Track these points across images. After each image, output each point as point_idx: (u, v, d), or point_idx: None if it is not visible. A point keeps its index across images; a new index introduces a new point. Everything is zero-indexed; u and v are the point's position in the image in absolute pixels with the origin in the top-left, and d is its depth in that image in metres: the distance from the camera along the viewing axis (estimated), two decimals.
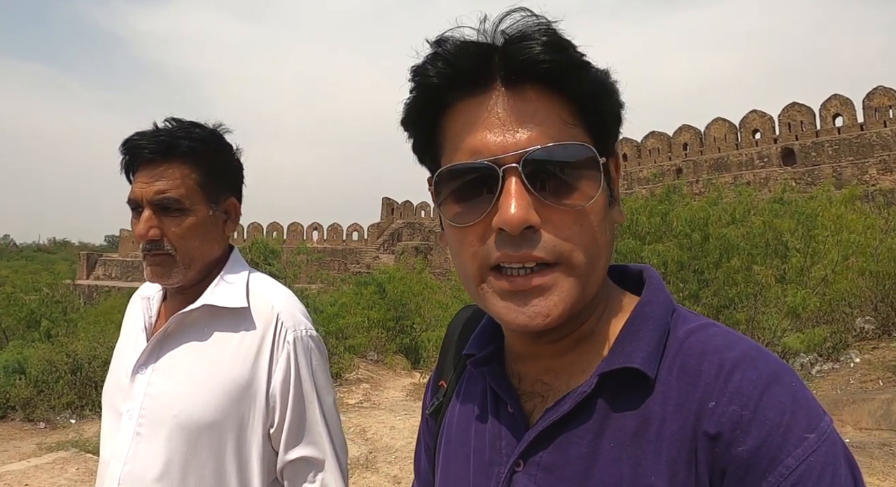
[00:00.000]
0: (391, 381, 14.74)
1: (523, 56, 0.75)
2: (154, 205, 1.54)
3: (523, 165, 0.74)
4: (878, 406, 7.53)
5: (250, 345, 1.56)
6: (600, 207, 0.79)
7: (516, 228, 0.74)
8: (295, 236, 60.81)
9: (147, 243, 1.55)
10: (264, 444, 1.55)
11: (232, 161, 1.71)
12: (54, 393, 11.94)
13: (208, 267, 1.64)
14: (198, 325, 1.60)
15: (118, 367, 1.66)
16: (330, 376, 1.67)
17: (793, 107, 47.91)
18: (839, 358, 10.76)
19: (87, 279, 61.35)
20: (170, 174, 1.55)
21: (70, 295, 28.99)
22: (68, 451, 7.94)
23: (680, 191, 13.12)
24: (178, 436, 1.49)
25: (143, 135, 1.57)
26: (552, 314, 0.77)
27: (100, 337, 13.79)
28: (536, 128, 0.75)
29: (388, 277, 20.67)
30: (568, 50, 0.76)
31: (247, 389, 1.53)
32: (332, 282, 26.65)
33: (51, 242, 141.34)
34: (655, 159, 53.67)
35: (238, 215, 1.72)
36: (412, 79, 0.81)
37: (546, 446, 0.82)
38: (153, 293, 1.73)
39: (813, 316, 11.15)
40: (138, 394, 1.56)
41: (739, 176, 44.41)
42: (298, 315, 1.63)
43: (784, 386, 0.72)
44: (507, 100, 0.77)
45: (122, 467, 1.52)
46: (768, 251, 11.30)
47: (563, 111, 0.77)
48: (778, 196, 15.44)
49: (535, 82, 0.77)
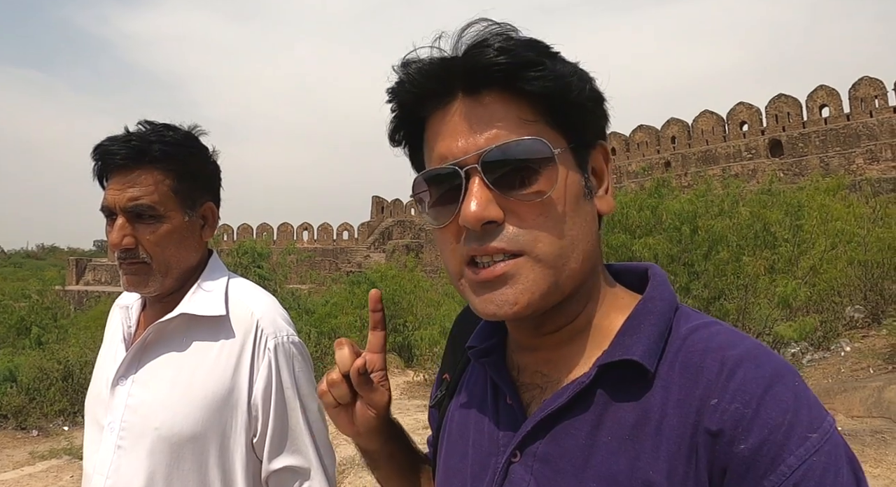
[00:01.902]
0: None
1: (477, 63, 0.79)
2: (127, 212, 1.50)
3: (482, 165, 0.78)
4: (869, 393, 7.58)
5: (230, 354, 1.52)
6: (565, 198, 0.81)
7: (475, 224, 0.78)
8: (285, 237, 60.65)
9: (121, 252, 1.51)
10: (248, 454, 1.52)
11: (208, 164, 1.66)
12: (46, 400, 11.87)
13: (186, 274, 1.60)
14: (177, 335, 1.56)
15: (99, 379, 1.63)
16: (314, 382, 1.62)
17: (780, 98, 48.09)
18: (830, 347, 10.83)
19: (77, 284, 61.01)
20: (142, 180, 1.51)
21: (60, 301, 28.81)
22: (61, 459, 7.91)
23: (669, 184, 13.15)
24: (160, 449, 1.46)
25: (115, 140, 1.53)
26: (519, 301, 0.79)
27: (90, 342, 13.71)
28: (494, 130, 0.79)
29: (380, 276, 20.64)
30: (519, 50, 0.78)
31: (228, 399, 1.49)
32: (322, 282, 26.59)
33: (39, 248, 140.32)
34: (644, 153, 53.75)
35: (216, 220, 1.68)
36: (387, 101, 0.88)
37: (543, 437, 0.82)
38: (132, 302, 1.69)
39: (803, 306, 11.21)
40: (119, 406, 1.52)
41: (727, 168, 44.53)
42: (279, 321, 1.59)
43: (786, 385, 0.72)
44: (467, 107, 0.81)
45: (104, 481, 1.49)
46: (757, 242, 11.35)
47: (522, 110, 0.80)
48: (766, 187, 15.51)
49: (492, 86, 0.80)
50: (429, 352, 14.24)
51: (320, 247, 59.43)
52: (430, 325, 15.56)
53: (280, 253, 21.28)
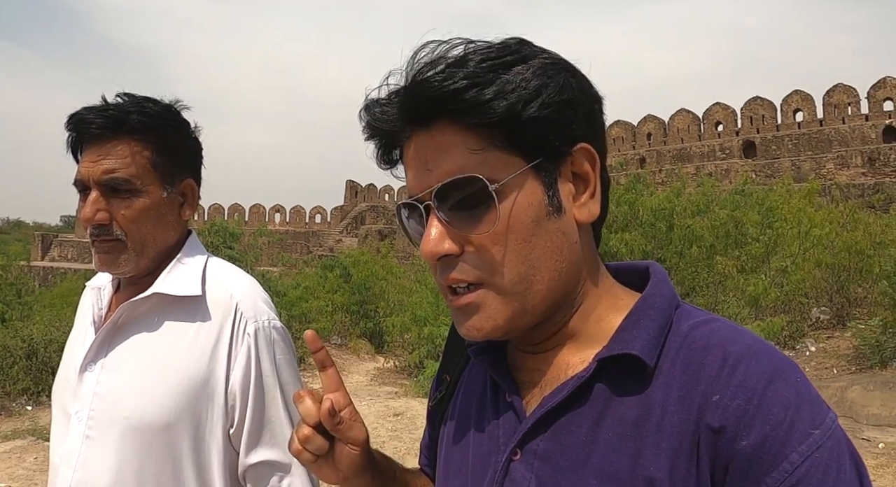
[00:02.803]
0: (355, 365, 14.72)
1: (417, 103, 0.79)
2: (102, 185, 1.41)
3: (435, 201, 0.80)
4: (832, 393, 7.77)
5: (207, 338, 1.43)
6: (522, 224, 0.79)
7: (430, 259, 0.81)
8: (257, 218, 60.02)
9: (94, 228, 1.41)
10: (225, 446, 1.43)
11: (188, 139, 1.57)
12: (9, 378, 11.62)
13: (163, 254, 1.50)
14: (150, 317, 1.46)
15: (67, 364, 1.54)
16: (297, 370, 1.55)
17: (755, 100, 48.73)
18: (795, 347, 11.04)
19: (43, 260, 59.88)
20: (119, 151, 1.41)
21: (24, 277, 28.20)
22: (25, 439, 7.76)
23: (644, 180, 13.26)
24: (131, 439, 1.38)
25: (91, 109, 1.44)
26: (484, 328, 0.81)
27: (56, 320, 13.45)
28: (445, 164, 0.79)
29: (353, 261, 20.56)
30: (452, 80, 0.77)
31: (204, 386, 1.41)
32: (294, 265, 26.37)
33: (4, 222, 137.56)
34: (619, 148, 54.08)
35: (196, 197, 1.58)
36: (365, 139, 0.90)
37: (543, 434, 0.82)
38: (104, 283, 1.59)
39: (771, 306, 11.41)
40: (87, 394, 1.43)
41: (701, 166, 45.06)
42: (260, 304, 1.51)
43: (788, 381, 0.72)
44: (421, 142, 0.82)
45: (72, 474, 1.40)
46: (729, 241, 11.52)
47: (469, 138, 0.79)
48: (739, 187, 15.73)
49: (442, 119, 0.79)
50: (399, 339, 14.26)
51: (292, 230, 58.94)
52: (401, 312, 15.56)
53: (252, 235, 21.04)
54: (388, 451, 1.24)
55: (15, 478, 6.17)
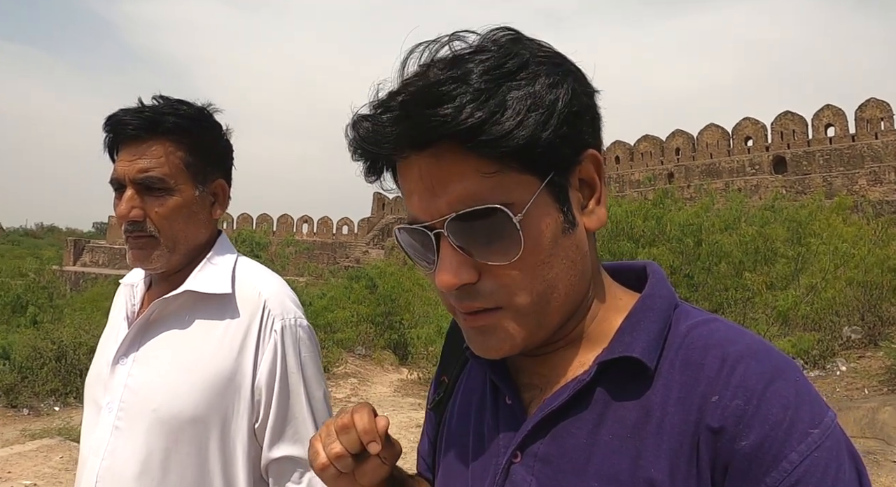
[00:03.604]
0: (379, 376, 14.73)
1: (419, 132, 0.72)
2: (137, 183, 1.47)
3: (448, 230, 0.76)
4: (863, 414, 7.58)
5: (235, 334, 1.48)
6: (542, 246, 0.76)
7: (449, 290, 0.77)
8: (284, 228, 60.54)
9: (129, 224, 1.47)
10: (250, 440, 1.48)
11: (220, 140, 1.63)
12: (39, 379, 11.83)
13: (194, 251, 1.56)
14: (181, 313, 1.51)
15: (100, 358, 1.59)
16: (321, 369, 1.59)
17: (786, 115, 48.15)
18: (825, 366, 10.83)
19: (74, 265, 60.88)
20: (154, 151, 1.48)
21: (56, 280, 28.73)
22: (53, 439, 7.87)
23: (672, 195, 13.16)
24: (158, 431, 1.42)
25: (127, 111, 1.50)
26: (502, 348, 0.80)
27: (85, 324, 13.66)
28: (455, 191, 0.74)
29: (379, 272, 20.63)
30: (461, 113, 0.70)
31: (231, 381, 1.45)
32: (320, 275, 26.56)
33: (38, 227, 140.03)
34: (648, 163, 53.79)
35: (227, 198, 1.64)
36: (351, 155, 0.82)
37: (544, 437, 0.81)
38: (137, 280, 1.65)
39: (801, 323, 11.22)
40: (118, 386, 1.48)
41: (730, 182, 44.60)
42: (288, 302, 1.55)
43: (788, 381, 0.71)
44: (424, 165, 0.75)
45: (99, 463, 1.45)
46: (757, 257, 11.37)
47: (481, 162, 0.73)
48: (769, 203, 15.54)
49: (448, 141, 0.73)
50: (424, 351, 14.24)
51: (319, 241, 59.38)
52: (426, 324, 15.55)
53: (279, 245, 21.25)
54: (410, 462, 1.26)
55: (41, 476, 6.26)
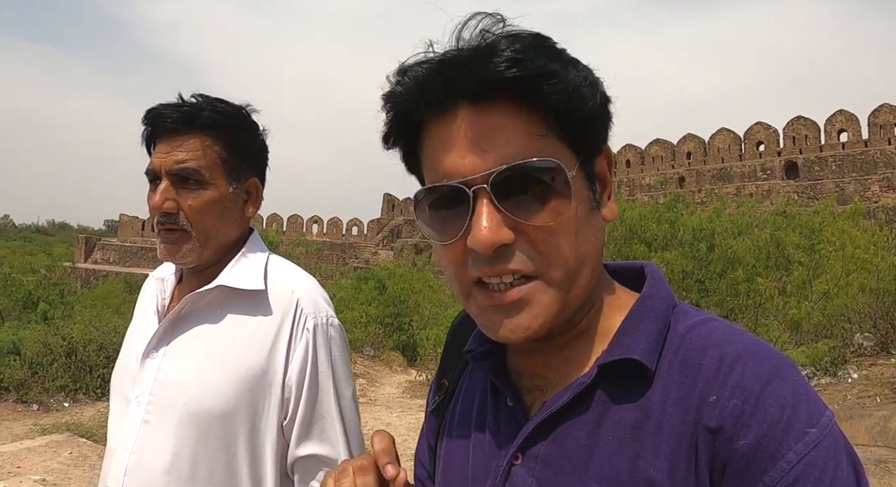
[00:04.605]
0: (387, 378, 14.73)
1: (484, 75, 0.73)
2: (172, 175, 1.48)
3: (491, 185, 0.74)
4: (874, 422, 7.52)
5: (267, 331, 1.48)
6: (577, 218, 0.78)
7: (487, 249, 0.74)
8: (294, 228, 60.74)
9: (161, 216, 1.48)
10: (278, 436, 1.47)
11: (256, 139, 1.63)
12: (49, 375, 11.90)
13: (225, 247, 1.56)
14: (213, 308, 1.52)
15: (128, 351, 1.59)
16: (350, 368, 1.59)
17: (798, 120, 47.98)
18: (837, 373, 10.74)
19: (85, 262, 61.24)
20: (191, 144, 1.49)
21: (67, 277, 28.88)
22: (62, 434, 7.90)
23: (684, 199, 13.12)
24: (188, 425, 1.42)
25: (167, 105, 1.52)
26: (532, 326, 0.78)
27: (96, 321, 13.71)
28: (503, 146, 0.74)
29: (388, 273, 20.65)
30: (531, 61, 0.73)
31: (262, 378, 1.45)
32: (330, 276, 26.61)
33: (50, 224, 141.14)
34: (659, 167, 53.67)
35: (260, 197, 1.64)
36: (383, 105, 0.82)
37: (544, 438, 0.81)
38: (168, 274, 1.65)
39: (812, 330, 11.15)
40: (147, 380, 1.48)
41: (742, 187, 44.44)
42: (320, 301, 1.55)
43: (785, 381, 0.71)
44: (473, 118, 0.75)
45: (128, 456, 1.45)
46: (769, 263, 11.30)
47: (532, 123, 0.75)
48: (781, 209, 15.47)
49: (500, 96, 0.74)
50: (433, 352, 14.25)
51: (329, 241, 59.54)
52: (435, 325, 15.56)
53: (289, 245, 21.31)
54: None
55: (50, 472, 6.29)
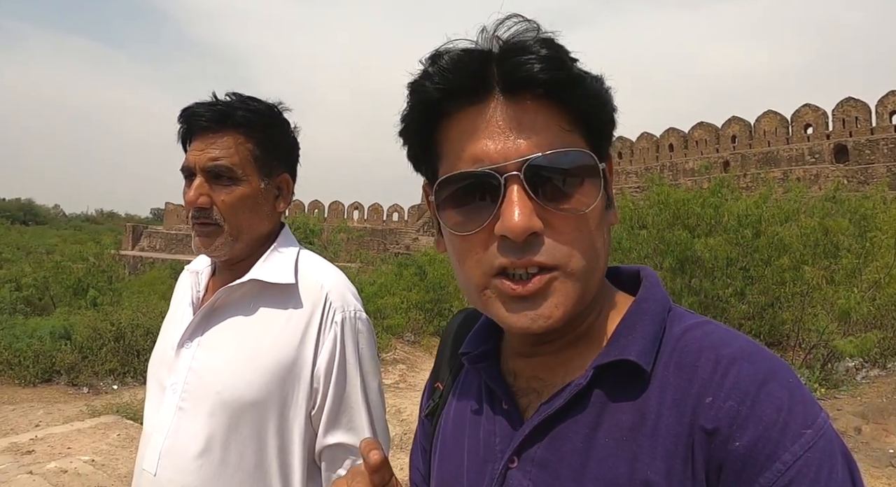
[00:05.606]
0: (427, 363, 14.80)
1: (522, 72, 0.76)
2: (206, 171, 1.54)
3: (525, 172, 0.75)
4: None
5: (297, 324, 1.53)
6: (599, 212, 0.81)
7: (520, 235, 0.74)
8: (335, 215, 61.24)
9: (196, 210, 1.55)
10: (307, 425, 1.53)
11: (288, 136, 1.69)
12: (98, 359, 12.30)
13: (257, 242, 1.62)
14: (245, 300, 1.58)
15: (164, 341, 1.66)
16: (377, 361, 1.64)
17: (847, 102, 46.44)
18: (886, 365, 10.46)
19: (133, 250, 62.66)
20: (224, 142, 1.55)
21: (115, 265, 29.54)
22: (111, 417, 8.12)
23: (730, 184, 12.84)
24: (221, 413, 1.48)
25: (201, 104, 1.59)
26: (554, 316, 0.78)
27: (143, 306, 14.06)
28: (536, 136, 0.76)
29: (429, 259, 20.72)
30: (565, 65, 0.77)
31: (291, 369, 1.50)
32: (371, 262, 26.79)
33: (98, 213, 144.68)
34: (703, 151, 52.60)
35: (291, 192, 1.70)
36: (410, 93, 0.82)
37: (541, 441, 0.82)
38: (202, 267, 1.72)
39: (861, 321, 10.85)
40: (182, 368, 1.55)
41: (789, 171, 43.39)
42: (348, 295, 1.60)
43: (781, 383, 0.72)
44: (506, 108, 0.77)
45: (163, 441, 1.52)
46: (817, 251, 11.02)
47: (562, 119, 0.78)
48: (830, 194, 15.06)
49: (533, 92, 0.77)
50: None
51: (370, 227, 59.86)
52: None
53: (331, 231, 21.51)
54: None
55: (98, 453, 6.48)
